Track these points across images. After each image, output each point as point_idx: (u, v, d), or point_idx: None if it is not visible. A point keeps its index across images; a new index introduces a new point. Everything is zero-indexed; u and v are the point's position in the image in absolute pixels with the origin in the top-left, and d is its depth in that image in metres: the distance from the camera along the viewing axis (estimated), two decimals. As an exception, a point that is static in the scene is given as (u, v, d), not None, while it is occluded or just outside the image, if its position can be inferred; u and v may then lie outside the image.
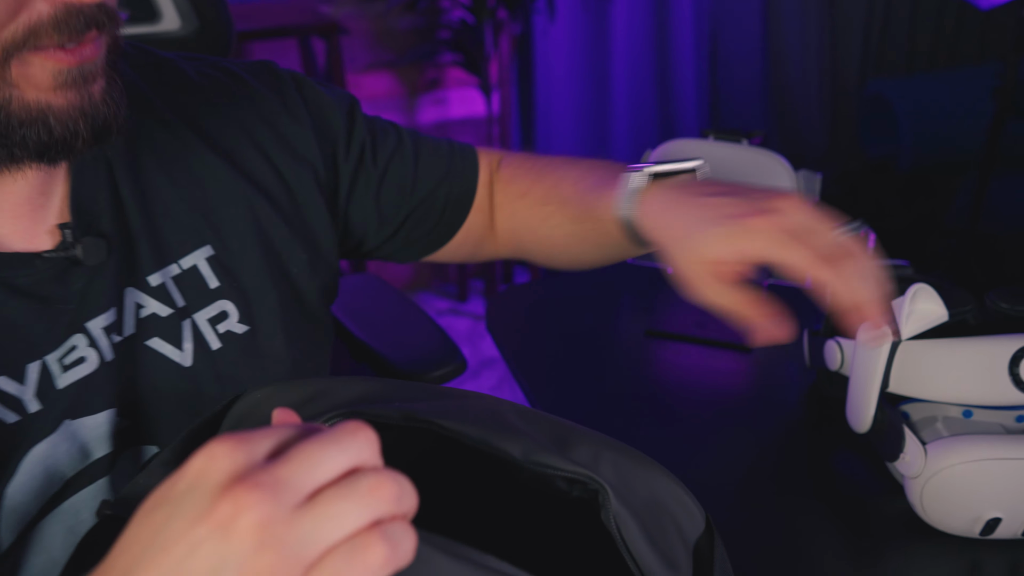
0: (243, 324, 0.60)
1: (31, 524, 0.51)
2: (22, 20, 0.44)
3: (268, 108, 0.64)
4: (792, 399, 0.93)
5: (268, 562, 0.29)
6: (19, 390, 0.51)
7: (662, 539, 0.44)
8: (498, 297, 1.18)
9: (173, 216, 0.59)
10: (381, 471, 0.32)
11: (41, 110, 0.47)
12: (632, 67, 2.84)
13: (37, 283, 0.52)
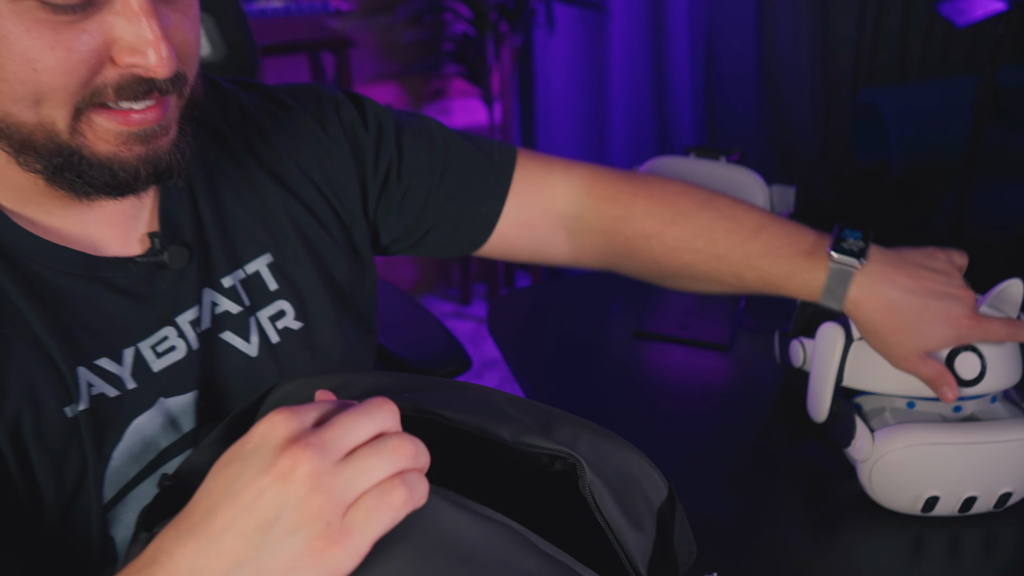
0: (298, 321, 0.68)
1: (129, 485, 0.60)
2: (92, 83, 0.51)
3: (310, 133, 0.72)
4: (765, 394, 1.01)
5: (318, 503, 0.39)
6: (118, 370, 0.60)
7: (630, 504, 0.52)
8: (499, 301, 1.26)
9: (240, 228, 0.67)
10: (402, 435, 0.41)
11: (109, 160, 0.54)
12: (630, 79, 2.91)
13: (131, 283, 0.61)
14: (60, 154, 0.53)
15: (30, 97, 0.51)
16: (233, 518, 0.39)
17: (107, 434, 0.59)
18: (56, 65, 0.50)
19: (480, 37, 2.46)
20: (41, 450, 0.56)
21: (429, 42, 2.62)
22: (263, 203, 0.69)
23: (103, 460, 0.59)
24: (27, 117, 0.52)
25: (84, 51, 0.50)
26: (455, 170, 0.77)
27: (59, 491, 0.57)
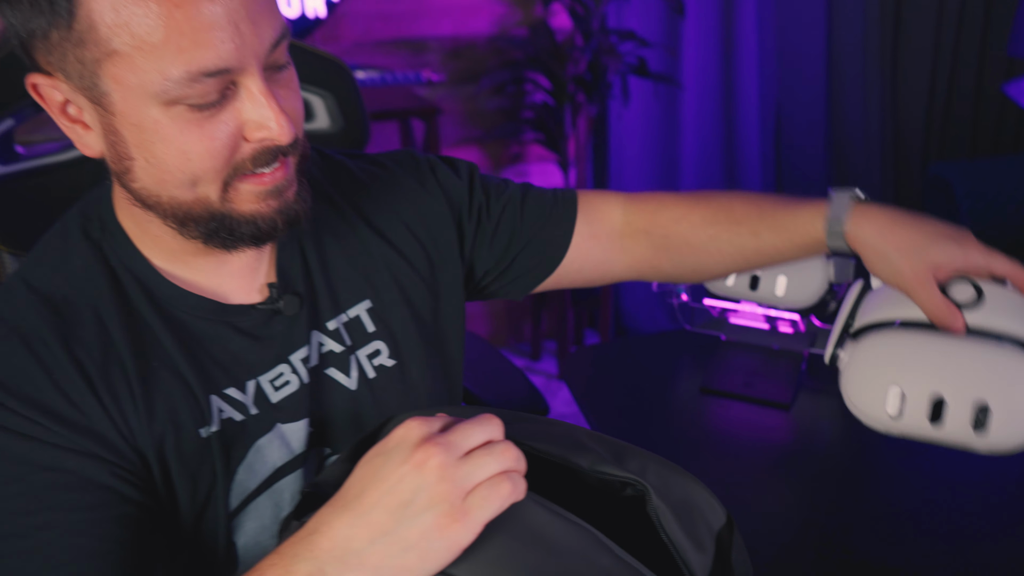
0: (392, 359, 0.78)
1: (249, 498, 0.71)
2: (233, 160, 0.62)
3: (410, 190, 0.83)
4: (822, 450, 1.08)
5: (445, 488, 0.50)
6: (243, 398, 0.70)
7: (692, 526, 0.61)
8: (572, 356, 1.36)
9: (343, 278, 0.77)
10: (507, 442, 0.52)
11: (252, 216, 0.65)
12: (700, 149, 3.02)
13: (252, 326, 0.72)
14: (214, 220, 0.64)
15: (188, 181, 0.62)
16: (379, 497, 0.50)
17: (233, 452, 0.69)
18: (205, 152, 0.60)
19: (558, 106, 2.60)
20: (180, 464, 0.67)
21: (510, 110, 2.78)
22: (366, 255, 0.79)
23: (229, 474, 0.69)
24: (187, 196, 0.63)
25: (224, 137, 0.60)
26: (532, 204, 0.88)
27: (193, 500, 0.68)
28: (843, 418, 1.16)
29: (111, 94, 0.59)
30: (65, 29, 0.56)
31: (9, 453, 0.61)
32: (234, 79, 0.59)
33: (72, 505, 0.61)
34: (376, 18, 2.55)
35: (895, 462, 1.04)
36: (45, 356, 0.63)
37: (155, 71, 0.56)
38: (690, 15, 2.80)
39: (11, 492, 0.60)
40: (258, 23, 0.58)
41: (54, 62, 0.59)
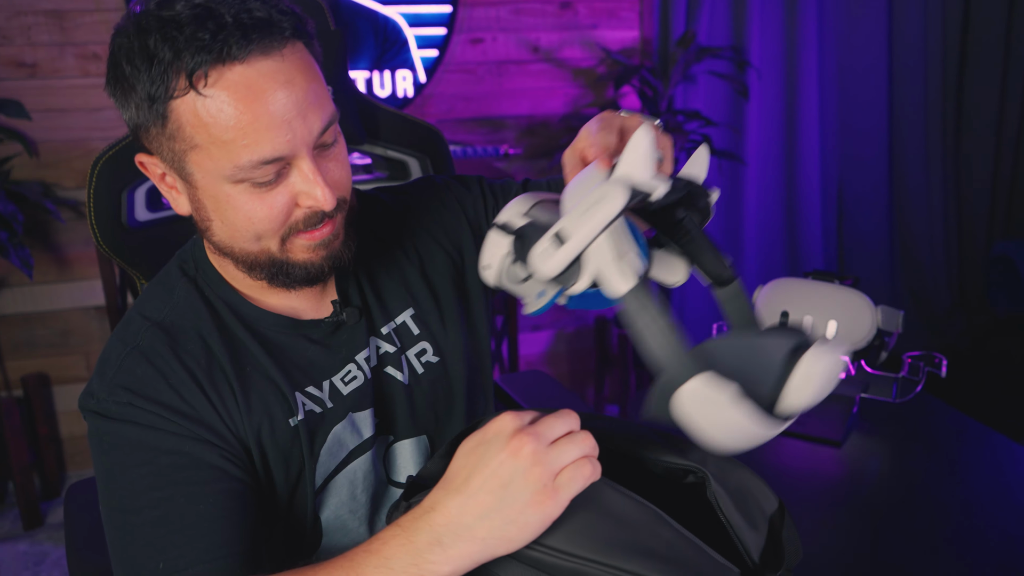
0: (436, 356, 0.92)
1: (330, 476, 0.85)
2: (289, 222, 0.76)
3: (432, 210, 0.97)
4: (874, 487, 1.15)
5: (538, 472, 0.61)
6: (320, 394, 0.84)
7: (747, 510, 0.71)
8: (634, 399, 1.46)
9: (389, 292, 0.91)
10: (585, 432, 0.64)
11: (304, 264, 0.79)
12: (762, 223, 3.12)
13: (323, 336, 0.86)
14: (275, 266, 0.79)
15: (253, 238, 0.77)
16: (483, 481, 0.62)
17: (316, 438, 0.83)
18: (266, 217, 0.75)
19: (626, 180, 2.75)
20: (275, 449, 0.81)
21: (580, 183, 2.94)
22: (403, 271, 0.93)
23: (314, 457, 0.82)
24: (253, 248, 0.78)
25: (280, 205, 0.75)
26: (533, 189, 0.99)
27: (287, 479, 0.82)
28: (894, 457, 1.23)
29: (194, 174, 0.74)
30: (161, 127, 0.73)
31: (138, 442, 0.75)
32: (288, 162, 0.74)
33: (191, 480, 0.74)
34: (459, 98, 2.78)
35: (944, 498, 1.10)
36: (161, 366, 0.78)
37: (226, 160, 0.71)
38: (754, 97, 2.96)
39: (141, 473, 0.75)
40: (308, 118, 0.72)
41: (154, 147, 0.75)
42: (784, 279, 1.28)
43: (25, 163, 2.42)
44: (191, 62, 0.68)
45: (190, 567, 0.71)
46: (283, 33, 0.71)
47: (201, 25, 0.68)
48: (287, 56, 0.71)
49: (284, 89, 0.71)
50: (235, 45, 0.68)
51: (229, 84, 0.69)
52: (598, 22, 2.84)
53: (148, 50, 0.69)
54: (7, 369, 2.54)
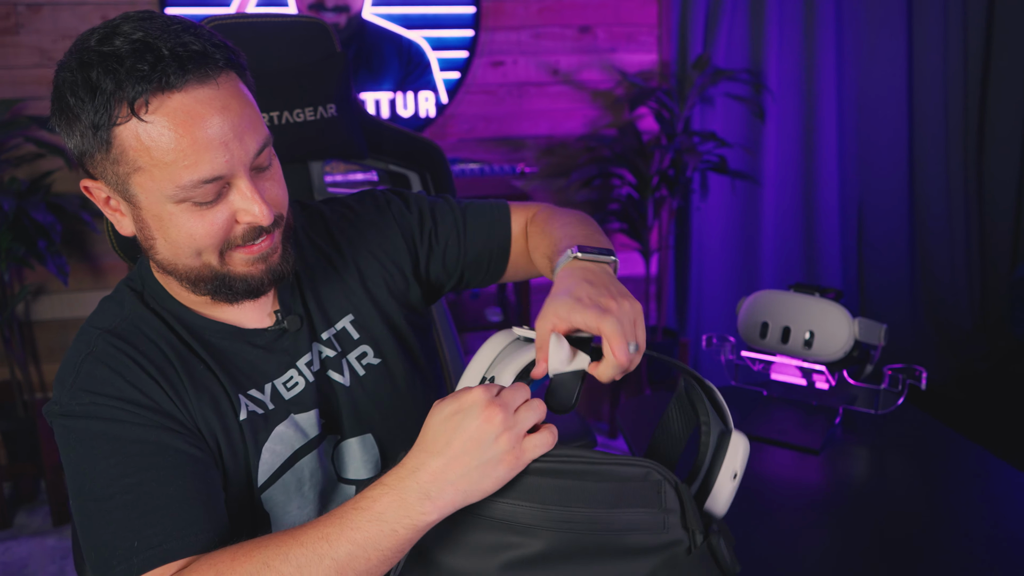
0: (377, 358, 0.97)
1: (277, 474, 0.89)
2: (228, 238, 0.81)
3: (371, 223, 1.02)
4: (853, 495, 1.18)
5: (508, 436, 0.69)
6: (262, 397, 0.90)
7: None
8: (627, 403, 1.50)
9: (329, 300, 0.97)
10: (539, 401, 0.72)
11: (244, 276, 0.84)
12: (780, 243, 3.14)
13: (266, 342, 0.91)
14: (216, 280, 0.84)
15: (194, 253, 0.81)
16: (463, 444, 0.69)
17: (259, 436, 0.88)
18: (206, 234, 0.80)
19: (642, 199, 2.81)
20: (227, 443, 0.87)
21: (598, 202, 3.00)
22: (342, 279, 0.98)
23: (257, 454, 0.88)
24: (194, 264, 0.82)
25: (220, 222, 0.80)
26: (473, 223, 1.05)
27: (236, 472, 0.88)
28: (872, 465, 1.26)
29: (138, 195, 0.79)
30: (105, 152, 0.77)
31: (103, 435, 0.80)
32: (228, 182, 0.79)
33: (159, 465, 0.79)
34: (480, 119, 2.86)
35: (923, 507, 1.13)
36: (116, 366, 0.83)
37: (168, 181, 0.77)
38: (772, 118, 2.99)
39: (110, 463, 0.79)
40: (244, 140, 0.78)
41: (98, 172, 0.80)
42: (767, 291, 1.32)
43: (65, 177, 2.56)
44: (132, 91, 0.73)
45: (163, 543, 0.76)
46: (217, 64, 0.77)
47: (140, 58, 0.73)
48: (222, 84, 0.77)
49: (220, 114, 0.76)
50: (173, 75, 0.74)
51: (168, 111, 0.75)
52: (617, 46, 2.90)
53: (91, 82, 0.74)
54: (43, 372, 2.67)
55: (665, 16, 2.89)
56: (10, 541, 2.35)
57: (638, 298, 3.11)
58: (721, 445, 0.77)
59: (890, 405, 1.30)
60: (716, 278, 3.10)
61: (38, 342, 2.64)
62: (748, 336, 1.33)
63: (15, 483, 2.57)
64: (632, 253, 3.06)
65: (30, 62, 2.48)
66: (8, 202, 2.21)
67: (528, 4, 2.81)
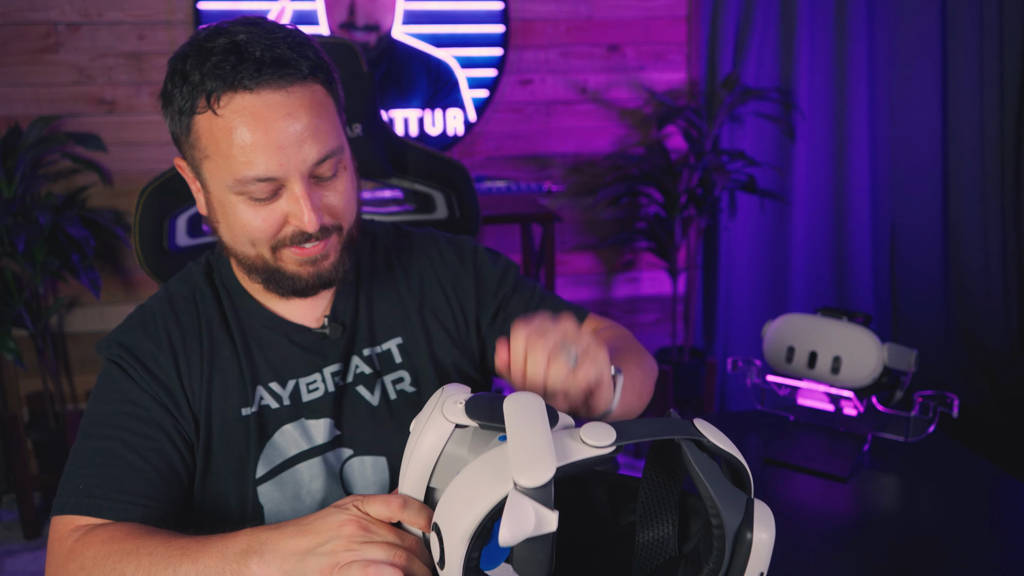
0: (412, 387, 0.98)
1: (275, 471, 0.91)
2: (279, 235, 0.86)
3: (450, 264, 1.05)
4: (879, 524, 1.15)
5: (342, 555, 0.67)
6: (281, 391, 0.93)
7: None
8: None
9: (381, 319, 1.00)
10: (412, 539, 0.68)
11: (293, 275, 0.89)
12: (810, 264, 3.10)
13: (306, 341, 0.95)
14: (268, 272, 0.89)
15: (248, 242, 0.87)
16: (314, 531, 0.68)
17: (265, 430, 0.91)
18: (259, 228, 0.86)
19: (669, 218, 2.79)
20: (221, 433, 0.89)
21: (625, 220, 2.99)
22: (403, 305, 1.01)
23: (260, 446, 0.91)
24: (249, 252, 0.88)
25: (272, 220, 0.85)
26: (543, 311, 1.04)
27: (226, 461, 0.90)
28: (902, 496, 1.23)
29: (207, 180, 0.87)
30: (187, 136, 0.85)
31: (114, 383, 0.89)
32: (282, 183, 0.84)
33: (136, 431, 0.86)
34: (507, 137, 2.87)
35: (952, 539, 1.10)
36: (151, 331, 0.92)
37: (227, 173, 0.83)
38: (802, 138, 2.96)
39: (105, 409, 0.87)
40: (303, 147, 0.82)
41: (184, 153, 0.88)
42: (793, 315, 1.30)
43: (100, 192, 2.61)
44: (210, 85, 0.81)
45: (99, 497, 0.82)
46: (298, 73, 0.82)
47: (227, 57, 0.80)
48: (294, 92, 0.82)
49: (283, 120, 0.81)
50: (248, 77, 0.80)
51: (238, 109, 0.81)
52: (645, 64, 2.90)
53: (185, 72, 0.82)
54: (75, 383, 2.71)
55: (694, 35, 2.88)
56: (39, 551, 2.38)
57: (665, 318, 3.09)
58: (740, 546, 0.63)
59: (920, 433, 1.27)
60: (744, 298, 3.06)
61: (70, 354, 2.68)
62: (774, 360, 1.31)
63: (45, 493, 2.61)
64: (659, 272, 3.04)
65: (68, 80, 2.54)
66: (44, 216, 2.26)
67: (557, 23, 2.82)
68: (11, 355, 2.32)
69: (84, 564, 0.76)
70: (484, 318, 1.05)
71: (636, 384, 0.94)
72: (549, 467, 0.55)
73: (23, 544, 2.42)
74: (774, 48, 2.95)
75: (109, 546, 0.76)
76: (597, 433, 0.60)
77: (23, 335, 2.59)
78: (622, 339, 1.03)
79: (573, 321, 0.80)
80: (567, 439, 0.60)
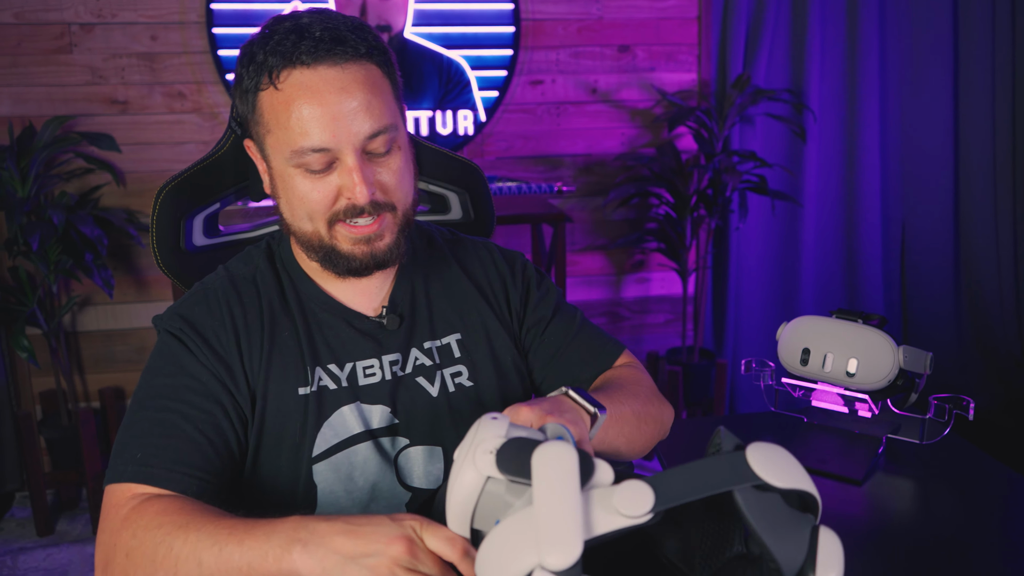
0: (470, 381, 1.01)
1: (331, 451, 0.93)
2: (333, 208, 0.90)
3: (503, 273, 1.09)
4: (895, 527, 1.15)
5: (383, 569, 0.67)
6: (339, 373, 0.95)
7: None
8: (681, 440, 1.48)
9: (442, 312, 1.03)
10: None
11: (347, 255, 0.92)
12: (820, 264, 3.09)
13: (364, 327, 0.98)
14: (324, 250, 0.93)
15: (307, 217, 0.91)
16: (361, 537, 0.68)
17: (323, 410, 0.93)
18: (315, 200, 0.90)
19: (680, 219, 2.79)
20: (276, 412, 0.91)
21: (635, 221, 2.99)
22: (463, 302, 1.04)
23: (317, 426, 0.93)
24: (307, 228, 0.92)
25: (327, 191, 0.89)
26: (572, 347, 1.08)
27: (279, 440, 0.91)
28: (917, 498, 1.22)
29: (270, 155, 0.91)
30: (252, 114, 0.91)
31: (172, 356, 0.91)
32: (336, 156, 0.88)
33: (194, 405, 0.88)
34: (518, 137, 2.87)
35: (968, 542, 1.09)
36: (213, 307, 0.94)
37: (286, 144, 0.88)
38: (813, 139, 2.96)
39: (164, 382, 0.89)
40: (356, 121, 0.87)
41: (251, 133, 0.93)
42: (807, 317, 1.30)
43: (113, 191, 2.62)
44: (272, 62, 0.86)
45: (157, 467, 0.84)
46: (355, 51, 0.87)
47: (288, 37, 0.86)
48: (349, 69, 0.87)
49: (337, 94, 0.86)
50: (306, 54, 0.85)
51: (295, 83, 0.86)
52: (656, 65, 2.90)
53: (252, 53, 0.88)
54: (87, 382, 2.72)
55: (705, 36, 2.88)
56: (51, 548, 2.39)
57: (675, 319, 3.09)
58: None
59: (936, 435, 1.27)
60: (754, 299, 3.06)
61: (83, 352, 2.70)
62: (788, 362, 1.31)
63: (58, 491, 2.62)
64: (669, 273, 3.04)
65: (82, 80, 2.55)
66: (58, 216, 2.27)
67: (568, 24, 2.82)
68: (25, 353, 2.34)
69: (136, 532, 0.78)
70: (524, 330, 1.08)
71: (625, 427, 0.95)
72: (575, 547, 0.52)
73: (36, 541, 2.44)
74: (785, 49, 2.94)
75: (162, 517, 0.78)
76: (633, 498, 0.55)
77: (36, 334, 2.61)
78: (633, 382, 1.04)
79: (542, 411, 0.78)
80: (598, 507, 0.56)
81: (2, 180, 2.34)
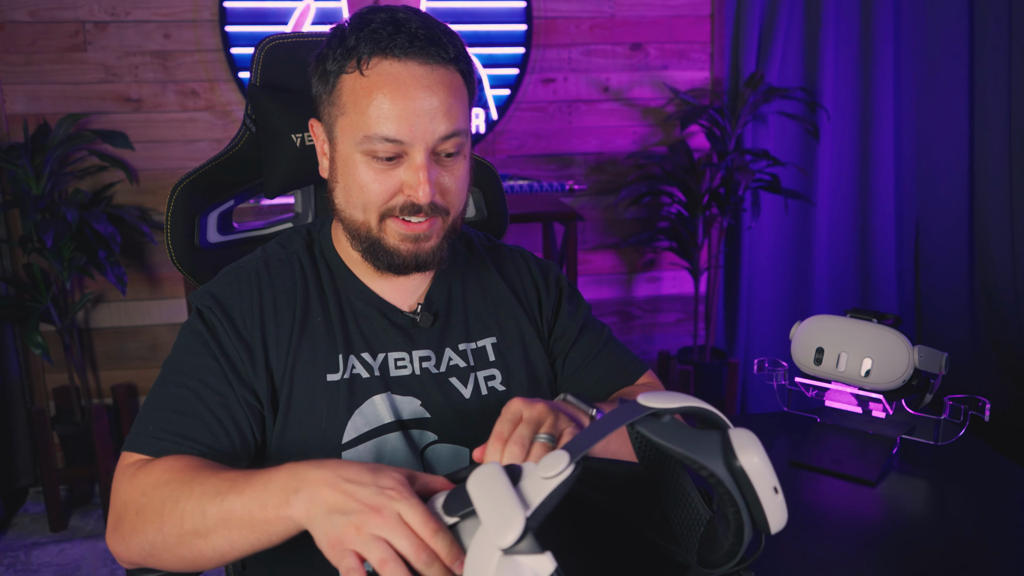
0: (503, 386, 1.01)
1: (362, 438, 0.94)
2: (390, 203, 0.91)
3: (538, 282, 1.11)
4: (909, 529, 1.14)
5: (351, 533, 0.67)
6: (372, 361, 0.97)
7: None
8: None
9: (478, 315, 1.04)
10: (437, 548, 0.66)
11: (391, 250, 0.93)
12: (833, 263, 3.07)
13: (398, 321, 1.00)
14: (370, 241, 0.94)
15: (362, 206, 0.92)
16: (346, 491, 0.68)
17: (355, 397, 0.94)
18: (375, 190, 0.90)
19: (692, 218, 2.78)
20: (304, 396, 0.92)
21: (647, 220, 2.98)
22: (500, 306, 1.06)
23: (349, 412, 0.94)
24: (358, 217, 0.93)
25: (389, 184, 0.90)
26: (596, 362, 1.09)
27: (304, 424, 0.92)
28: (932, 500, 1.22)
29: (338, 137, 0.92)
30: (328, 94, 0.92)
31: (199, 335, 0.93)
32: (406, 151, 0.89)
33: (211, 386, 0.90)
34: (529, 135, 2.87)
35: (983, 544, 1.09)
36: (243, 288, 0.96)
37: (360, 128, 0.89)
38: (826, 138, 2.94)
39: (187, 359, 0.92)
40: (433, 120, 0.88)
41: (321, 113, 0.95)
42: (821, 316, 1.29)
43: (126, 189, 2.63)
44: (363, 49, 0.88)
45: (165, 440, 0.87)
46: (446, 54, 0.89)
47: (384, 27, 0.88)
48: (435, 70, 0.89)
49: (421, 91, 0.88)
50: (399, 47, 0.87)
51: (383, 72, 0.88)
52: (668, 63, 2.89)
53: (343, 36, 0.90)
54: (100, 378, 2.74)
55: (718, 34, 2.87)
56: (64, 543, 2.41)
57: (686, 318, 3.07)
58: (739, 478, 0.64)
59: (951, 436, 1.26)
60: (766, 298, 3.04)
61: (96, 349, 2.71)
62: (802, 362, 1.30)
63: (71, 486, 2.64)
64: (681, 272, 3.03)
65: (96, 78, 2.57)
66: (72, 213, 2.28)
67: (580, 22, 2.81)
68: (39, 350, 2.35)
69: (145, 489, 0.81)
70: (552, 341, 1.09)
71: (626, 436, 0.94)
72: (518, 520, 0.58)
73: (49, 536, 2.45)
74: (798, 47, 2.92)
75: (168, 474, 0.81)
76: (550, 463, 0.62)
77: (50, 330, 2.62)
78: None
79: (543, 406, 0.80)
80: (528, 484, 0.62)
81: (17, 177, 2.36)
